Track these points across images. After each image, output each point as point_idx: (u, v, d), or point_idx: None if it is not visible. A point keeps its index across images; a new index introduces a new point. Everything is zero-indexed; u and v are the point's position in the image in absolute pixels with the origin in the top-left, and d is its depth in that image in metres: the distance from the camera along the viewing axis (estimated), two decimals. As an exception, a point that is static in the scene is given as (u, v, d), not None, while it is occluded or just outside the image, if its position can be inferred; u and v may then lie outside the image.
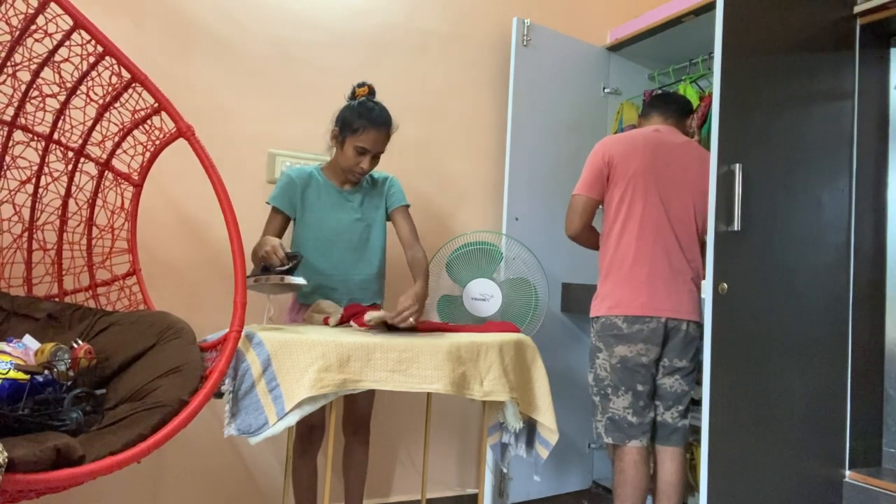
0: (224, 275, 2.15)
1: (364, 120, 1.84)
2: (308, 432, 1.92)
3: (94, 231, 1.85)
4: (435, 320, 2.13)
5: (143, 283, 1.84)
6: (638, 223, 1.96)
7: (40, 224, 1.79)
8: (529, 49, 2.61)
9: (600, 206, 2.06)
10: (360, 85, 1.91)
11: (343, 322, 1.81)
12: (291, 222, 1.97)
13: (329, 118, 1.91)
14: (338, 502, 2.09)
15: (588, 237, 2.08)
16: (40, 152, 1.72)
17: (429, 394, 1.97)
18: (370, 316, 1.72)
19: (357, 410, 2.01)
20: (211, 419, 2.11)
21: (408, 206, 2.03)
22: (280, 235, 1.91)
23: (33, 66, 1.57)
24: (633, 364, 1.92)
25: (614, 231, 2.00)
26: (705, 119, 2.52)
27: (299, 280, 1.69)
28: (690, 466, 2.39)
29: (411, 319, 1.71)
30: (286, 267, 1.69)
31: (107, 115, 1.66)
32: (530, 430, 1.93)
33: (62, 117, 1.68)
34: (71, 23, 1.43)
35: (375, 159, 1.91)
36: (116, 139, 1.72)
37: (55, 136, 1.71)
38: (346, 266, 1.94)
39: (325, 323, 1.84)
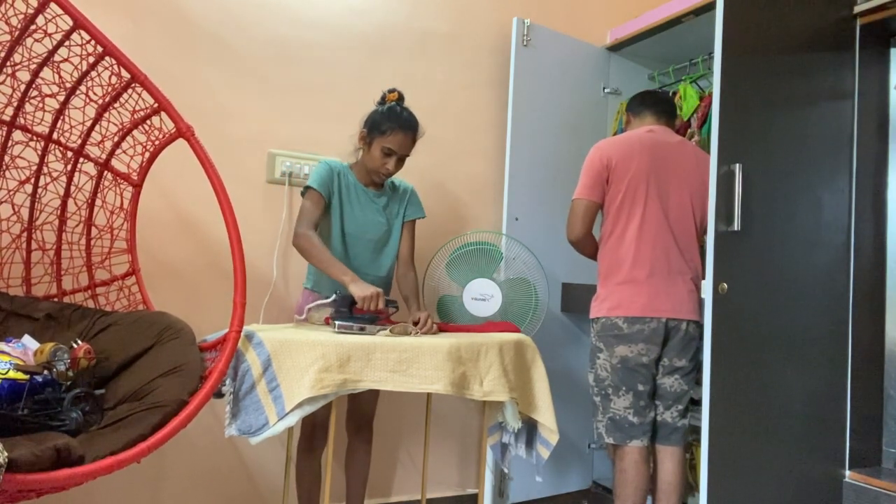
0: (223, 275, 2.14)
1: (392, 123, 1.90)
2: (313, 431, 1.93)
3: (94, 231, 1.85)
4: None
5: (142, 283, 1.84)
6: (637, 224, 1.95)
7: (39, 224, 1.79)
8: (529, 49, 2.61)
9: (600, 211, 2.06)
10: (391, 91, 1.98)
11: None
12: None
13: (329, 118, 1.91)
14: (339, 502, 2.09)
15: (590, 243, 2.08)
16: (39, 152, 1.72)
17: (429, 394, 1.97)
18: (399, 329, 1.77)
19: (361, 410, 2.02)
20: (211, 419, 2.11)
21: (418, 218, 2.11)
22: (321, 220, 1.92)
23: (33, 66, 1.57)
24: (634, 364, 1.92)
25: (614, 233, 2.00)
26: (705, 119, 2.52)
27: (379, 329, 1.74)
28: (690, 466, 2.38)
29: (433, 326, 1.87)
30: (371, 316, 1.74)
31: (106, 115, 1.66)
32: (531, 430, 1.94)
33: (61, 117, 1.68)
34: (71, 23, 1.43)
35: (401, 162, 1.96)
36: (116, 139, 1.72)
37: (54, 136, 1.71)
38: (363, 263, 1.97)
39: (327, 323, 1.84)
